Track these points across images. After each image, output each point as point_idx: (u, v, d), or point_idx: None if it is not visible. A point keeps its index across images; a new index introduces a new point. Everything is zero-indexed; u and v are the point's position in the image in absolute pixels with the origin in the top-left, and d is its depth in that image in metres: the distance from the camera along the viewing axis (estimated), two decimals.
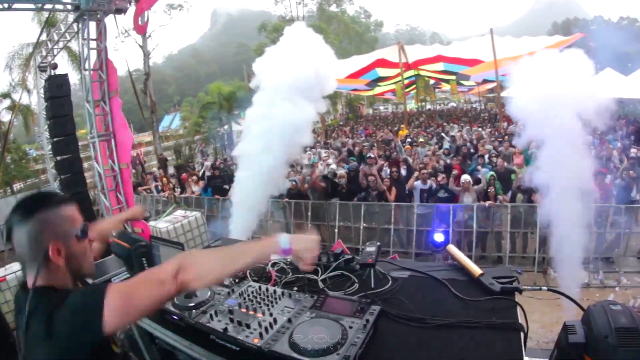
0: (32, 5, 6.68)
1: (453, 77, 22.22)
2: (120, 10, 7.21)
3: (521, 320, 1.76)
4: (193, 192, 11.26)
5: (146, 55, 19.75)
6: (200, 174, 12.84)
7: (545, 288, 2.25)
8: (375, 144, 14.56)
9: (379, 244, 2.46)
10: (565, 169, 4.68)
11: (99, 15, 6.98)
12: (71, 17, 7.55)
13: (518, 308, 1.84)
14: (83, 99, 7.36)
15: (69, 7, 6.90)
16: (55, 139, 8.54)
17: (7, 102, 17.37)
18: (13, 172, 15.54)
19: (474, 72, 19.44)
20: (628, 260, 7.19)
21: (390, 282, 2.23)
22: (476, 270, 2.19)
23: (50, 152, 9.47)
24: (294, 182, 9.35)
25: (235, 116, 28.59)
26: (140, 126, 34.25)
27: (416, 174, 8.62)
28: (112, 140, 7.36)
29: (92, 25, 6.99)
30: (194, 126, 26.69)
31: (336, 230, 8.59)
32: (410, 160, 10.16)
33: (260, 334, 1.68)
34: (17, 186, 18.10)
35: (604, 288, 6.55)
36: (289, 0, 39.64)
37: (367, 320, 1.70)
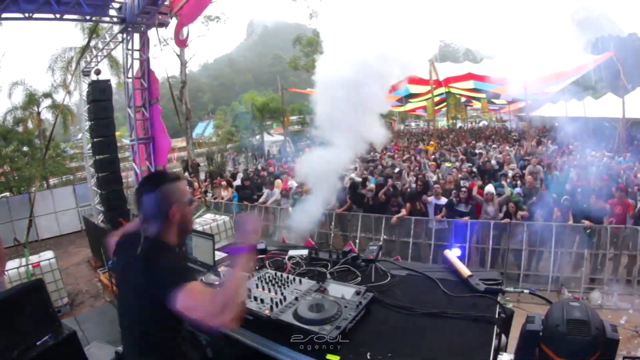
0: (80, 17, 7.09)
1: (483, 96, 22.13)
2: (162, 24, 7.69)
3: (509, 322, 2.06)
4: (222, 198, 11.72)
5: (183, 64, 20.53)
6: (232, 180, 13.15)
7: (526, 291, 2.53)
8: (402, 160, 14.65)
9: (380, 244, 2.82)
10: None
11: (142, 28, 7.47)
12: (116, 27, 8.00)
13: (497, 306, 2.13)
14: (122, 102, 7.84)
15: (115, 19, 7.37)
16: (95, 139, 9.06)
17: (47, 102, 18.26)
18: (50, 167, 16.32)
19: (503, 91, 19.36)
20: None
21: (389, 278, 2.57)
22: (465, 272, 2.50)
23: (89, 151, 10.01)
24: None
25: (268, 127, 29.22)
26: (174, 132, 35.21)
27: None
28: (151, 144, 7.86)
29: (136, 36, 7.45)
30: (227, 135, 27.39)
31: (357, 241, 8.83)
32: (431, 177, 10.27)
33: (271, 307, 2.07)
34: (52, 181, 19.11)
35: (617, 310, 6.47)
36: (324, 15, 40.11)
37: (360, 302, 2.06)
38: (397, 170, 11.16)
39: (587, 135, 17.15)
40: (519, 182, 9.22)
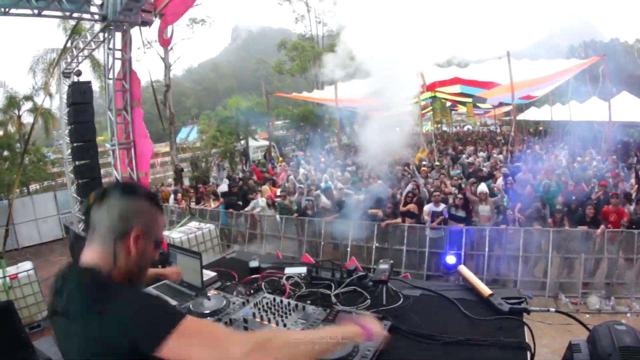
0: (60, 13, 6.83)
1: (469, 100, 22.21)
2: (146, 23, 7.44)
3: (529, 340, 1.79)
4: (211, 206, 11.42)
5: (167, 67, 20.23)
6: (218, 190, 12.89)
7: (553, 310, 2.29)
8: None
9: (392, 261, 2.52)
10: None
11: (124, 27, 7.23)
12: (97, 26, 7.81)
13: (525, 328, 1.87)
14: (105, 106, 7.58)
15: (96, 17, 7.13)
16: (75, 144, 8.72)
17: (29, 105, 17.90)
18: (30, 173, 15.89)
19: (490, 95, 19.39)
20: None
21: (402, 299, 2.28)
22: (486, 290, 2.24)
23: (69, 157, 9.66)
24: (309, 202, 9.46)
25: (252, 132, 28.87)
26: (157, 137, 34.70)
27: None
28: (132, 149, 7.54)
29: (118, 35, 7.24)
30: (211, 139, 27.04)
31: (348, 249, 8.62)
32: (421, 183, 10.09)
33: None
34: (33, 187, 18.52)
35: (616, 314, 6.45)
36: (309, 19, 40.12)
37: None
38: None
39: (576, 138, 17.48)
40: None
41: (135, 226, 1.27)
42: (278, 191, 11.04)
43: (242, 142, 27.41)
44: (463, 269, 2.58)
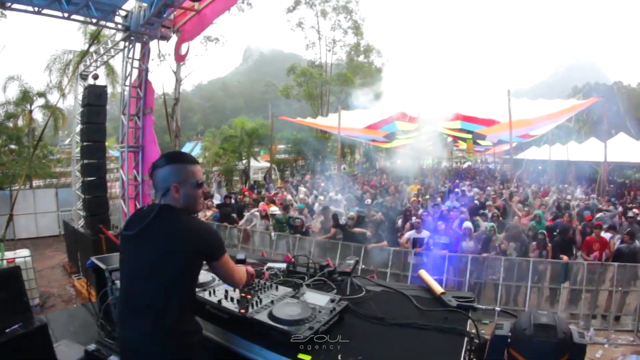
0: (87, 19, 7.27)
1: (469, 136, 22.57)
2: (164, 38, 7.90)
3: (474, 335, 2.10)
4: (205, 216, 11.68)
5: (178, 81, 20.70)
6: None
7: (498, 309, 2.61)
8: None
9: (357, 258, 2.88)
10: None
11: (144, 39, 7.68)
12: (119, 35, 8.27)
13: (470, 322, 2.19)
14: (113, 113, 7.95)
15: (120, 27, 7.54)
16: (85, 143, 9.12)
17: (41, 101, 18.30)
18: (36, 168, 16.17)
19: (489, 132, 19.76)
20: (622, 318, 7.25)
21: (364, 292, 2.61)
22: (438, 289, 2.57)
23: (77, 155, 10.02)
24: (299, 220, 9.72)
25: (255, 153, 29.30)
26: (162, 149, 35.00)
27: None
28: (140, 153, 7.89)
29: (137, 46, 7.65)
30: (214, 156, 27.41)
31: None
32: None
33: (247, 307, 2.11)
34: (36, 183, 18.93)
35: (594, 345, 6.54)
36: (320, 47, 41.10)
37: (334, 309, 2.11)
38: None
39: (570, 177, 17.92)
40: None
41: (174, 183, 1.92)
42: (277, 210, 11.15)
43: (244, 161, 27.83)
44: (423, 273, 2.90)
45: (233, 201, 12.43)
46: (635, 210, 10.41)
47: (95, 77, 9.55)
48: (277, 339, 1.89)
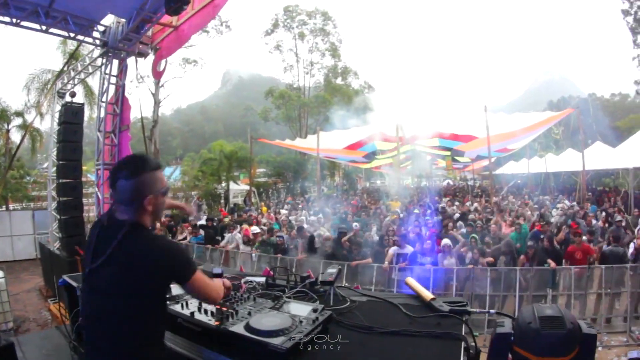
0: (65, 33, 7.17)
1: (448, 153, 22.76)
2: (142, 55, 7.88)
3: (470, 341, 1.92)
4: (185, 239, 11.45)
5: (157, 103, 20.50)
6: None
7: (492, 311, 2.46)
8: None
9: (339, 267, 2.72)
10: None
11: (122, 55, 7.65)
12: (96, 52, 8.18)
13: (464, 326, 2.01)
14: (91, 135, 7.78)
15: (98, 42, 7.52)
16: (61, 162, 8.86)
17: (18, 121, 17.72)
18: (12, 188, 15.69)
19: (468, 148, 19.98)
20: (613, 320, 7.29)
21: (349, 302, 2.44)
22: (428, 295, 2.41)
23: (54, 175, 9.74)
24: (280, 239, 9.67)
25: (235, 177, 28.98)
26: None
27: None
28: None
29: (115, 62, 7.62)
30: (193, 179, 27.05)
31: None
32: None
33: (221, 319, 1.93)
34: (12, 206, 18.25)
35: None
36: (298, 69, 41.47)
37: (317, 318, 1.93)
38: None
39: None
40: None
41: (148, 195, 1.76)
42: (256, 230, 11.01)
43: (223, 184, 27.47)
44: (410, 280, 2.75)
45: (215, 224, 12.34)
46: (618, 215, 10.57)
47: (73, 94, 9.43)
48: (255, 351, 1.72)
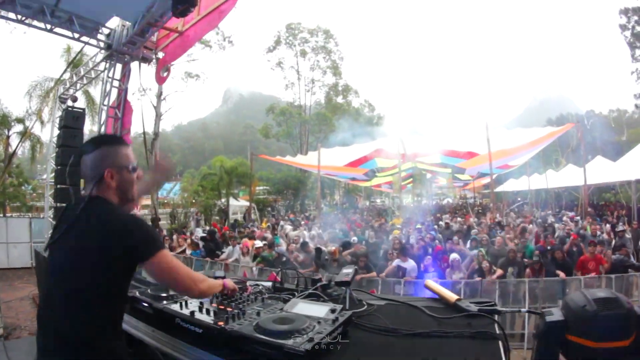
0: (70, 33, 7.10)
1: (449, 170, 22.61)
2: (146, 60, 7.87)
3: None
4: (184, 252, 11.22)
5: (158, 116, 20.36)
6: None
7: (524, 310, 2.24)
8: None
9: (355, 267, 2.47)
10: None
11: (126, 59, 7.61)
12: (100, 56, 8.17)
13: (496, 325, 1.79)
14: (95, 131, 7.64)
15: (102, 44, 7.50)
16: (59, 167, 8.64)
17: (19, 127, 17.65)
18: (10, 195, 15.50)
19: (469, 165, 19.82)
20: None
21: (366, 306, 2.19)
22: (452, 296, 2.18)
23: (52, 181, 9.56)
24: (279, 252, 9.59)
25: (235, 194, 28.81)
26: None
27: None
28: None
29: (118, 66, 7.60)
30: (193, 194, 26.88)
31: None
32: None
33: (226, 319, 1.68)
34: (9, 215, 17.99)
35: None
36: (299, 87, 41.62)
37: (337, 318, 1.69)
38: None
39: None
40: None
41: (106, 168, 1.68)
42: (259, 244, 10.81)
43: (223, 200, 27.26)
44: (430, 282, 2.52)
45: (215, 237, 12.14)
46: (622, 226, 10.64)
47: (74, 99, 9.34)
48: (266, 354, 1.46)
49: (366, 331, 1.80)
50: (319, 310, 1.84)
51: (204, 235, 12.00)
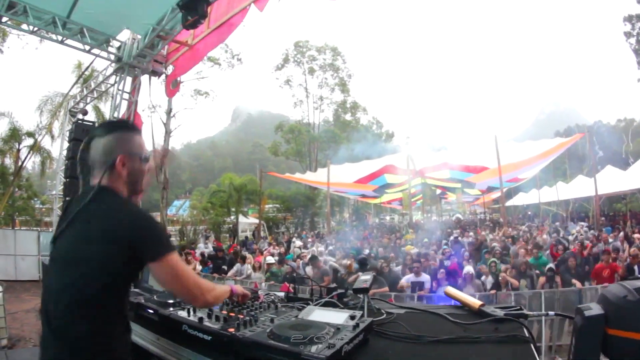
0: (81, 46, 7.20)
1: (458, 185, 22.40)
2: (156, 73, 7.90)
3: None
4: (195, 268, 11.15)
5: (167, 132, 20.47)
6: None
7: (552, 313, 2.11)
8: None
9: (374, 273, 2.35)
10: None
11: (136, 72, 7.67)
12: (110, 69, 8.32)
13: (525, 330, 1.66)
14: None
15: (112, 56, 7.57)
16: (68, 179, 8.57)
17: (29, 141, 17.82)
18: (19, 208, 15.56)
19: (479, 180, 19.64)
20: None
21: (385, 315, 2.05)
22: (475, 302, 2.05)
23: (60, 194, 9.62)
24: (291, 267, 9.55)
25: (244, 212, 28.74)
26: (149, 207, 34.41)
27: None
28: None
29: (128, 80, 7.64)
30: (202, 211, 26.87)
31: None
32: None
33: (238, 326, 1.57)
34: (18, 228, 18.02)
35: None
36: (307, 105, 41.81)
37: (357, 325, 1.56)
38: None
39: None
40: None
41: (118, 154, 1.58)
42: (271, 260, 10.72)
43: (232, 217, 27.20)
44: (450, 289, 2.39)
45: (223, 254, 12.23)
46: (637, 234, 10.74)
47: (85, 112, 9.46)
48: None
49: (388, 339, 1.68)
50: (337, 317, 1.72)
51: (212, 253, 11.97)
